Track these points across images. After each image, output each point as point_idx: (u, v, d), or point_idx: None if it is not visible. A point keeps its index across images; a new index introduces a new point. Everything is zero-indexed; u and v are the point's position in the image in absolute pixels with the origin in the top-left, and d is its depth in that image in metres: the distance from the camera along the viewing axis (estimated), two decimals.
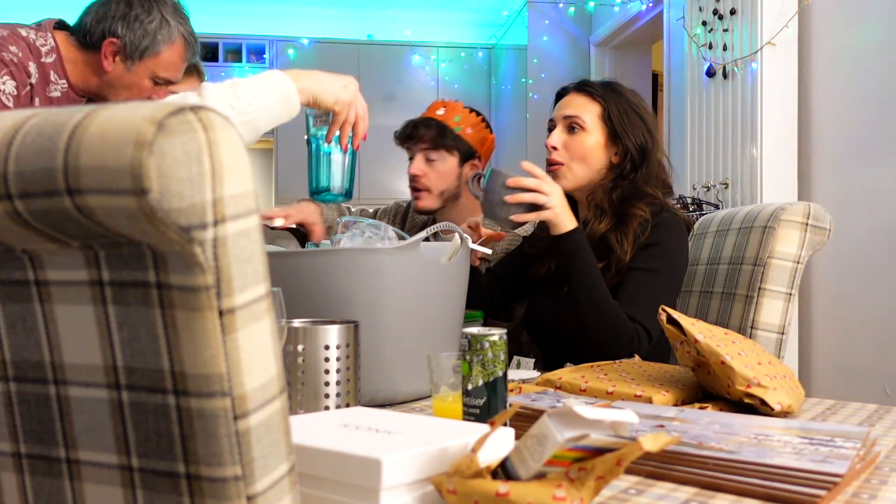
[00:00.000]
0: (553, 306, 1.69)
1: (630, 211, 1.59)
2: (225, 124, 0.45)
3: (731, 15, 3.09)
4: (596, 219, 1.62)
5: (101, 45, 1.75)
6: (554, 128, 1.69)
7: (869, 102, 2.67)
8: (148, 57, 1.78)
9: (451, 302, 1.39)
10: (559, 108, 1.70)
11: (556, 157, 1.65)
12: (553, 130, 1.68)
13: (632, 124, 1.65)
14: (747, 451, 0.81)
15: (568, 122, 1.66)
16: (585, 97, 1.68)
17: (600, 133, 1.66)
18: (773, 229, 1.60)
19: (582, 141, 1.65)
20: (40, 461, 0.52)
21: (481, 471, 0.67)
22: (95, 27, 1.75)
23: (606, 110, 1.65)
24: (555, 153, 1.65)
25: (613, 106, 1.66)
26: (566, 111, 1.67)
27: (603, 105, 1.66)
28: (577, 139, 1.65)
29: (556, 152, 1.65)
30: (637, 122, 1.66)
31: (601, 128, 1.66)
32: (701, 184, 3.27)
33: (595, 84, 1.71)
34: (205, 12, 5.29)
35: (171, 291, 0.45)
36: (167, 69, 1.82)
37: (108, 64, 1.76)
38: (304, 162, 1.52)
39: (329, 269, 1.23)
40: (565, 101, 1.71)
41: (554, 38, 4.86)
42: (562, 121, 1.67)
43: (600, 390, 1.20)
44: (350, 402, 1.06)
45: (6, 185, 0.45)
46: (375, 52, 5.47)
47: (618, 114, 1.65)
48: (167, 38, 1.80)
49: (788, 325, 1.59)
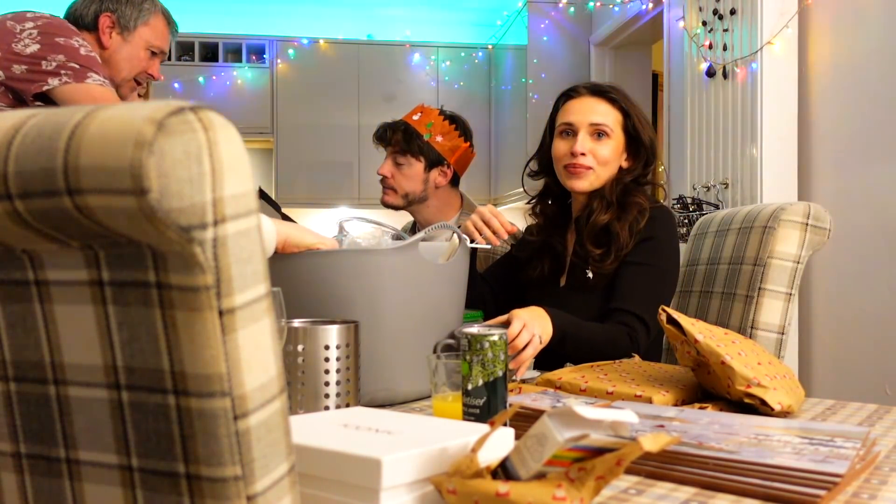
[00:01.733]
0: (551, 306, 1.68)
1: (630, 199, 1.67)
2: (225, 124, 0.45)
3: (731, 15, 3.08)
4: (600, 210, 1.68)
5: (98, 23, 1.92)
6: (572, 132, 1.71)
7: (869, 102, 2.67)
8: (141, 24, 1.96)
9: (451, 302, 1.39)
10: (580, 113, 1.71)
11: (586, 161, 1.69)
12: (573, 135, 1.71)
13: (645, 129, 1.72)
14: (747, 451, 0.81)
15: (595, 129, 1.70)
16: (608, 104, 1.72)
17: (621, 140, 1.72)
18: (773, 229, 1.60)
19: (607, 147, 1.70)
20: (40, 461, 0.52)
21: (481, 471, 0.67)
22: (87, 10, 1.93)
23: (629, 120, 1.71)
24: (583, 158, 1.68)
25: (633, 114, 1.72)
26: (591, 117, 1.70)
27: (625, 114, 1.71)
28: (603, 145, 1.69)
29: (584, 158, 1.68)
30: (648, 129, 1.74)
31: (621, 135, 1.72)
32: (701, 184, 3.27)
33: (610, 89, 1.75)
34: (205, 12, 5.30)
35: (171, 291, 0.45)
36: (158, 37, 2.00)
37: (107, 39, 1.93)
38: (303, 162, 1.52)
39: (329, 269, 1.23)
40: (584, 105, 1.72)
41: (554, 38, 4.86)
42: (587, 126, 1.70)
43: (600, 390, 1.20)
44: (350, 402, 1.06)
45: (6, 185, 0.45)
46: (375, 52, 5.46)
47: (637, 123, 1.72)
48: (152, 8, 2.00)
49: (788, 325, 1.59)
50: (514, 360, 1.39)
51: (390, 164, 2.23)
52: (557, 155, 1.73)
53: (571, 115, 1.72)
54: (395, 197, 2.24)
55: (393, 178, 2.23)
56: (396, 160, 2.22)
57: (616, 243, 1.63)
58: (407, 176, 2.22)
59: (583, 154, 1.68)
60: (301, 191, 5.15)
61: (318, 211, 5.34)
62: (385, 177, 2.24)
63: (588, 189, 1.70)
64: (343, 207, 5.40)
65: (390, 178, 2.23)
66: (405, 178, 2.22)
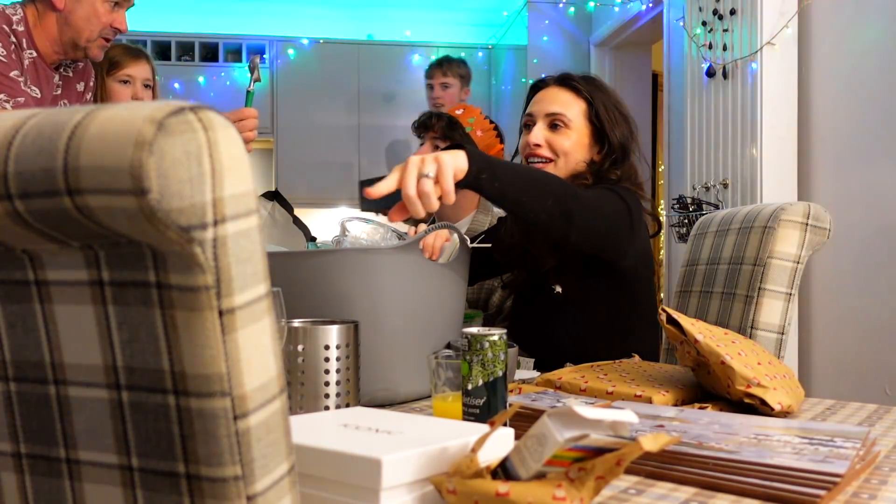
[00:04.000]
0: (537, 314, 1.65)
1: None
2: (225, 124, 0.45)
3: (731, 15, 3.08)
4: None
5: None
6: (532, 123, 1.63)
7: (869, 102, 2.67)
8: None
9: (451, 302, 1.39)
10: (539, 103, 1.64)
11: (543, 152, 1.60)
12: (532, 126, 1.62)
13: (616, 123, 1.61)
14: (747, 451, 0.81)
15: (551, 119, 1.61)
16: (570, 93, 1.63)
17: (584, 131, 1.61)
18: (773, 229, 1.60)
19: (564, 138, 1.60)
20: (40, 461, 0.52)
21: (481, 471, 0.67)
22: None
23: (593, 108, 1.60)
24: (539, 149, 1.60)
25: (600, 104, 1.61)
26: (549, 107, 1.61)
27: (588, 102, 1.61)
28: (560, 136, 1.60)
29: (540, 149, 1.60)
30: (620, 120, 1.62)
31: (585, 125, 1.61)
32: (701, 184, 3.27)
33: (578, 79, 1.65)
34: (205, 12, 5.30)
35: (171, 291, 0.45)
36: None
37: (60, 1, 1.84)
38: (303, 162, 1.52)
39: (329, 269, 1.23)
40: (546, 95, 1.65)
41: (554, 38, 4.86)
42: (544, 117, 1.61)
43: (600, 390, 1.19)
44: (350, 402, 1.06)
45: (6, 186, 0.45)
46: (375, 52, 5.46)
47: (604, 111, 1.60)
48: None
49: (788, 325, 1.59)
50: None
51: (429, 149, 2.18)
52: (521, 148, 1.66)
53: (533, 105, 1.65)
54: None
55: None
56: (437, 145, 2.18)
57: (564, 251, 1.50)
58: None
59: (537, 145, 1.60)
60: (301, 191, 5.15)
61: (318, 211, 5.34)
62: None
63: None
64: (343, 207, 5.39)
65: None
66: None
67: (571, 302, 1.60)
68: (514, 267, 1.70)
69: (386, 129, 5.31)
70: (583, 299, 1.59)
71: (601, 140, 1.62)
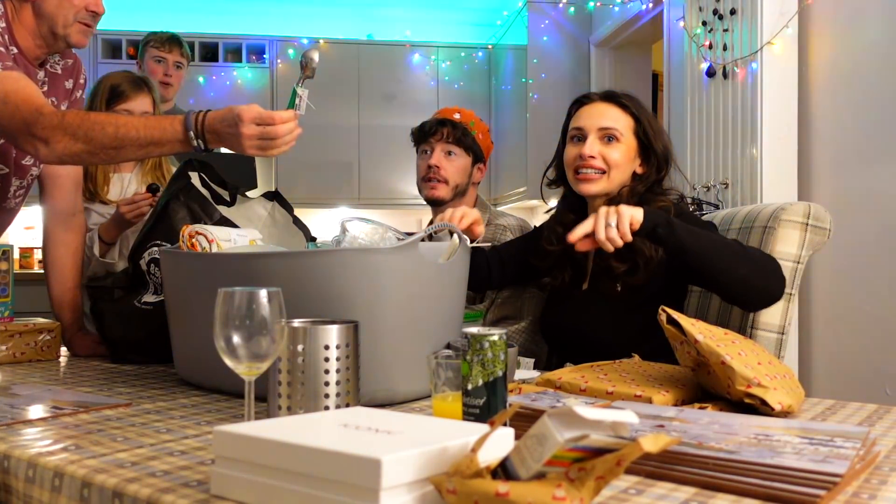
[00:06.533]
0: (572, 312, 1.72)
1: (653, 204, 1.62)
2: None
3: (731, 15, 3.08)
4: None
5: None
6: (582, 136, 1.72)
7: (869, 102, 2.67)
8: None
9: (451, 302, 1.39)
10: (589, 118, 1.72)
11: (597, 163, 1.69)
12: (584, 140, 1.71)
13: (658, 136, 1.72)
14: (747, 451, 0.81)
15: (604, 133, 1.70)
16: (618, 109, 1.73)
17: (632, 145, 1.71)
18: (773, 229, 1.60)
19: (617, 151, 1.70)
20: None
21: (481, 471, 0.67)
22: None
23: (640, 125, 1.71)
24: (592, 161, 1.69)
25: (644, 119, 1.72)
26: (601, 122, 1.71)
27: (636, 119, 1.72)
28: (613, 149, 1.70)
29: (594, 160, 1.69)
30: (662, 134, 1.74)
31: (633, 140, 1.72)
32: (701, 184, 3.27)
33: (623, 96, 1.75)
34: (205, 12, 5.31)
35: None
36: None
37: None
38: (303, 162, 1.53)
39: (329, 269, 1.22)
40: (594, 110, 1.73)
41: (554, 38, 4.86)
42: (596, 131, 1.70)
43: (600, 390, 1.20)
44: (350, 402, 1.06)
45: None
46: (375, 52, 5.46)
47: (650, 128, 1.72)
48: None
49: (788, 325, 1.59)
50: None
51: (440, 154, 2.18)
52: (568, 160, 1.74)
53: (582, 119, 1.73)
54: (444, 189, 2.18)
55: (444, 168, 2.17)
56: (448, 150, 2.18)
57: (641, 256, 1.60)
58: (457, 167, 2.19)
59: (592, 157, 1.69)
60: (301, 191, 5.14)
61: (318, 211, 5.34)
62: (437, 167, 2.17)
63: (599, 193, 1.70)
64: (343, 207, 5.39)
65: (441, 168, 2.17)
66: (456, 169, 2.19)
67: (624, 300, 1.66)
68: (552, 271, 1.79)
69: (386, 129, 5.31)
70: (641, 297, 1.65)
71: (645, 153, 1.72)
